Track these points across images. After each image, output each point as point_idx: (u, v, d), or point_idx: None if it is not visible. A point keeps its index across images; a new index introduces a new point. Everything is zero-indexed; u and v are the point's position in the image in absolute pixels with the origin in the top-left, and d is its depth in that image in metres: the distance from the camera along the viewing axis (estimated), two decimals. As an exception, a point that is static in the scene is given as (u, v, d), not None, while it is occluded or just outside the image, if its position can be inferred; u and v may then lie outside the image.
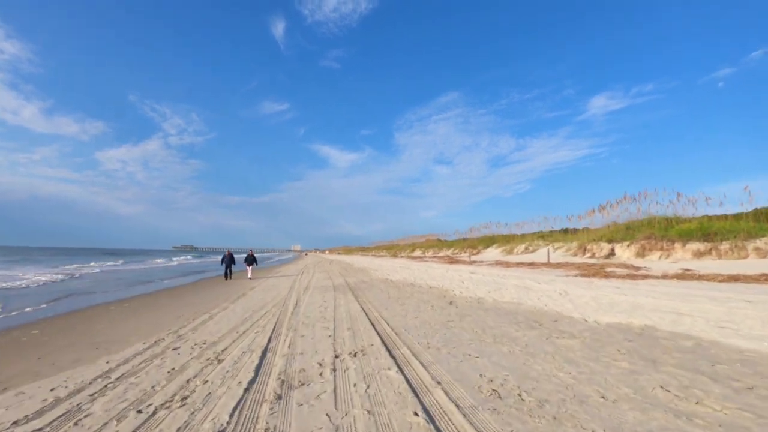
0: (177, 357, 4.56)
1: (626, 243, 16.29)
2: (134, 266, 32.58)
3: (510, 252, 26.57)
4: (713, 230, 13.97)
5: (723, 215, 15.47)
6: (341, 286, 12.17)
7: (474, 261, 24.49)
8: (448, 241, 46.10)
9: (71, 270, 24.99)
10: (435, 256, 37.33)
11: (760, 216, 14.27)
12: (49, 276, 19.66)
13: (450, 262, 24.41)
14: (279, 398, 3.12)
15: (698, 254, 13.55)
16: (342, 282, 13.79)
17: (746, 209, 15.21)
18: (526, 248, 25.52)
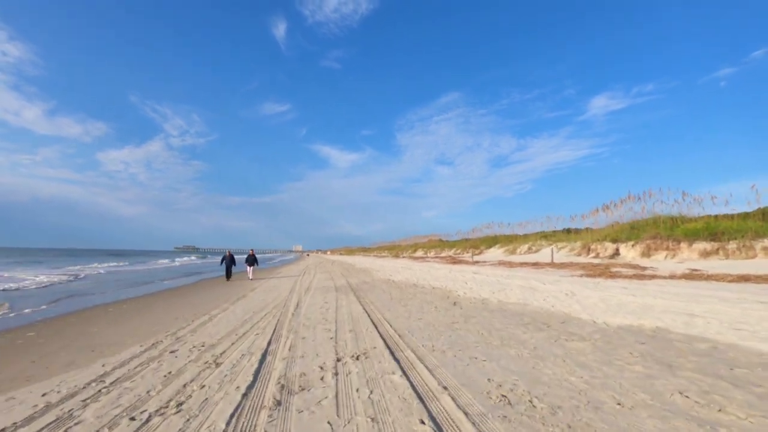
0: (174, 360, 4.43)
1: (631, 243, 16.09)
2: (139, 267, 32.54)
3: (513, 252, 26.37)
4: (720, 230, 13.76)
5: (729, 214, 15.25)
6: (343, 287, 12.03)
7: (477, 261, 24.31)
8: (450, 242, 45.88)
9: (75, 271, 24.96)
10: (437, 257, 37.14)
11: (768, 215, 14.05)
12: (53, 277, 19.58)
13: (452, 263, 24.23)
14: (278, 404, 2.99)
15: (705, 254, 13.35)
16: (344, 283, 13.65)
17: (752, 209, 15.02)
18: (529, 248, 25.32)
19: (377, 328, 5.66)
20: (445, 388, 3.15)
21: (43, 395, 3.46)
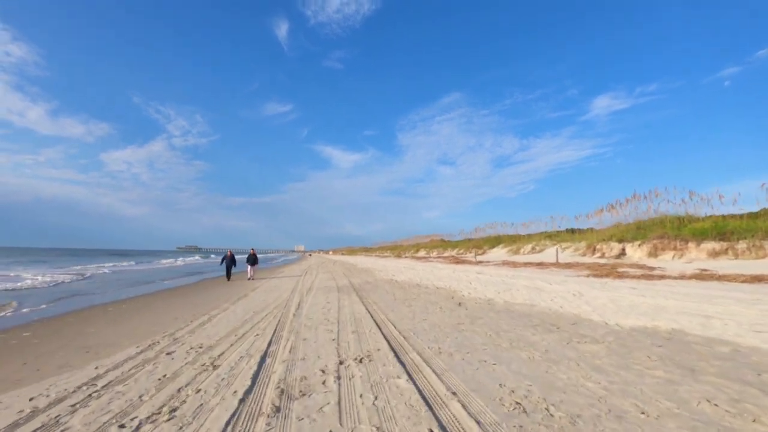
0: (170, 362, 4.26)
1: (638, 242, 15.83)
2: (144, 267, 32.53)
3: (516, 252, 26.12)
4: (729, 229, 13.48)
5: (738, 214, 14.97)
6: (345, 287, 11.85)
7: (480, 261, 24.08)
8: (453, 242, 45.62)
9: (79, 271, 24.93)
10: (440, 257, 36.93)
11: (778, 214, 13.77)
12: (57, 276, 19.49)
13: (455, 263, 24.02)
14: (277, 411, 2.81)
15: (714, 254, 13.08)
16: (346, 283, 13.47)
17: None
18: (533, 248, 25.07)
19: (381, 329, 5.48)
20: (455, 394, 2.97)
21: (31, 399, 3.29)
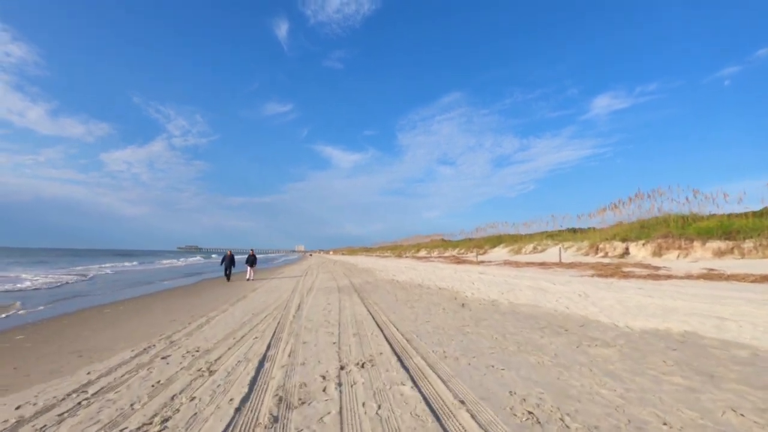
0: (165, 367, 4.11)
1: (641, 242, 15.66)
2: (146, 267, 32.44)
3: (518, 252, 25.95)
4: (734, 228, 13.32)
5: (743, 213, 14.79)
6: (346, 288, 11.69)
7: (482, 261, 23.92)
8: (453, 241, 45.47)
9: (81, 271, 24.84)
10: (440, 257, 36.76)
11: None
12: (60, 277, 19.35)
13: (457, 263, 23.86)
14: (275, 421, 2.65)
15: (719, 253, 12.91)
16: (347, 283, 13.32)
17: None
18: (535, 248, 24.90)
19: (383, 332, 5.32)
20: (463, 403, 2.81)
21: (17, 408, 3.14)
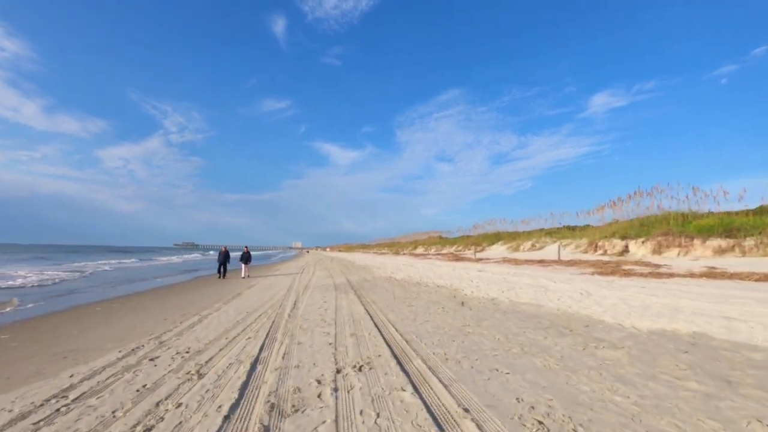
0: (152, 370, 3.91)
1: (641, 239, 15.56)
2: (147, 264, 32.14)
3: (516, 249, 25.85)
4: (735, 226, 13.22)
5: (744, 211, 14.71)
6: (343, 285, 11.51)
7: (480, 259, 23.79)
8: (451, 239, 45.33)
9: (80, 267, 24.55)
10: (438, 254, 36.63)
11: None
12: (57, 274, 19.05)
13: (455, 260, 23.73)
14: (266, 431, 2.47)
15: (720, 251, 12.82)
16: (344, 280, 13.13)
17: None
18: (533, 245, 24.79)
19: (381, 332, 5.14)
20: (467, 411, 2.63)
21: (-10, 416, 2.94)
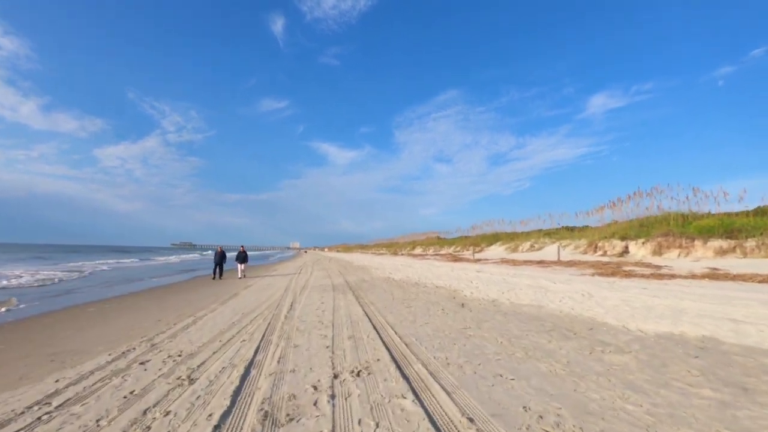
0: (142, 374, 3.75)
1: (641, 240, 15.48)
2: (146, 263, 31.89)
3: (515, 250, 25.75)
4: (736, 227, 13.15)
5: (744, 211, 14.65)
6: (341, 286, 11.36)
7: (478, 259, 23.68)
8: (449, 239, 45.21)
9: (78, 267, 24.35)
10: (436, 254, 36.51)
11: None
12: (55, 274, 18.81)
13: (453, 260, 23.61)
14: (258, 442, 2.32)
15: (721, 252, 12.74)
16: (342, 281, 12.98)
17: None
18: (532, 246, 24.70)
19: (380, 335, 5.00)
20: (472, 421, 2.49)
21: (-33, 425, 2.78)
